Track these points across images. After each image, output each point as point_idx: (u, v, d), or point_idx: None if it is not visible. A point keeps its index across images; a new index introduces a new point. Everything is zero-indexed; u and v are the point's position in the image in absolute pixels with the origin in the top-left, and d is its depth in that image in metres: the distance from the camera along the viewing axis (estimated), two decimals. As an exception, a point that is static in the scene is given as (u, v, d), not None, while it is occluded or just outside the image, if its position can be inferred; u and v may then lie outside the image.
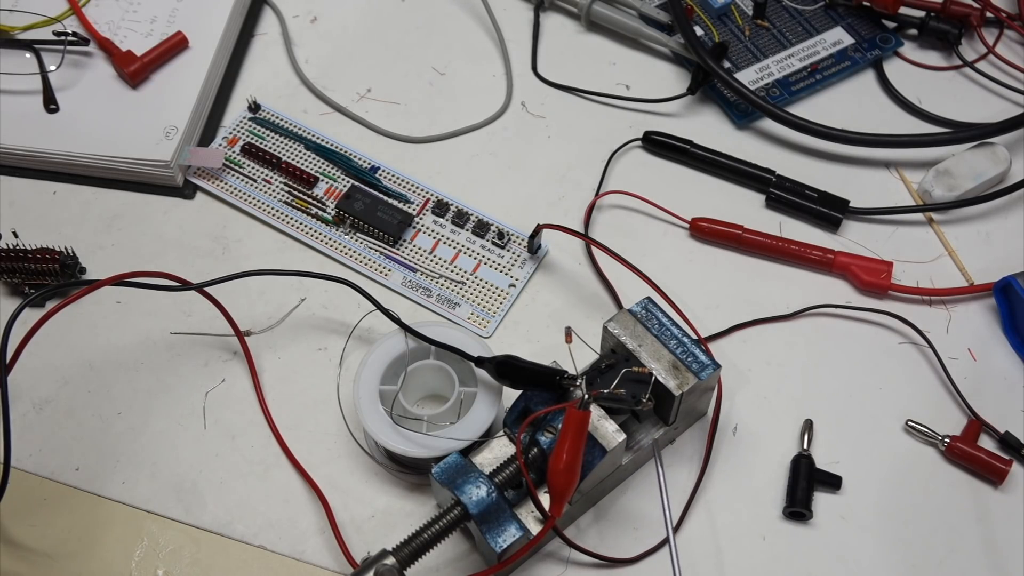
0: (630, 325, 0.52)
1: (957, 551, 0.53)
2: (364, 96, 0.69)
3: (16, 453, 0.54)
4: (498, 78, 0.70)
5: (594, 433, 0.49)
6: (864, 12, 0.72)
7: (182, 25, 0.69)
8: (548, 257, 0.62)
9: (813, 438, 0.56)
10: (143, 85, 0.67)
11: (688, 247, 0.63)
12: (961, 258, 0.62)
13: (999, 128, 0.64)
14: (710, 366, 0.51)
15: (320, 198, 0.64)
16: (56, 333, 0.58)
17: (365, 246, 0.62)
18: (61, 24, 0.69)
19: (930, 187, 0.64)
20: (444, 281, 0.61)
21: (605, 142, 0.67)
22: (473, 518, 0.48)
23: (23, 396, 0.57)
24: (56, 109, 0.65)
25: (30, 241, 0.60)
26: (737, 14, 0.72)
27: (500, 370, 0.51)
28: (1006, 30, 0.71)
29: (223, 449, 0.56)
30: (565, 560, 0.52)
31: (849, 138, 0.64)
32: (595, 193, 0.64)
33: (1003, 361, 0.58)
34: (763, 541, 0.53)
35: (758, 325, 0.60)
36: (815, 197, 0.63)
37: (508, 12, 0.73)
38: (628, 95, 0.69)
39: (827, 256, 0.61)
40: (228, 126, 0.67)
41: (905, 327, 0.59)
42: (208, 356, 0.59)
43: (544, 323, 0.60)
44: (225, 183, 0.65)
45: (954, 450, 0.54)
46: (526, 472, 0.49)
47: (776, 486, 0.54)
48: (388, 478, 0.55)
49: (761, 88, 0.68)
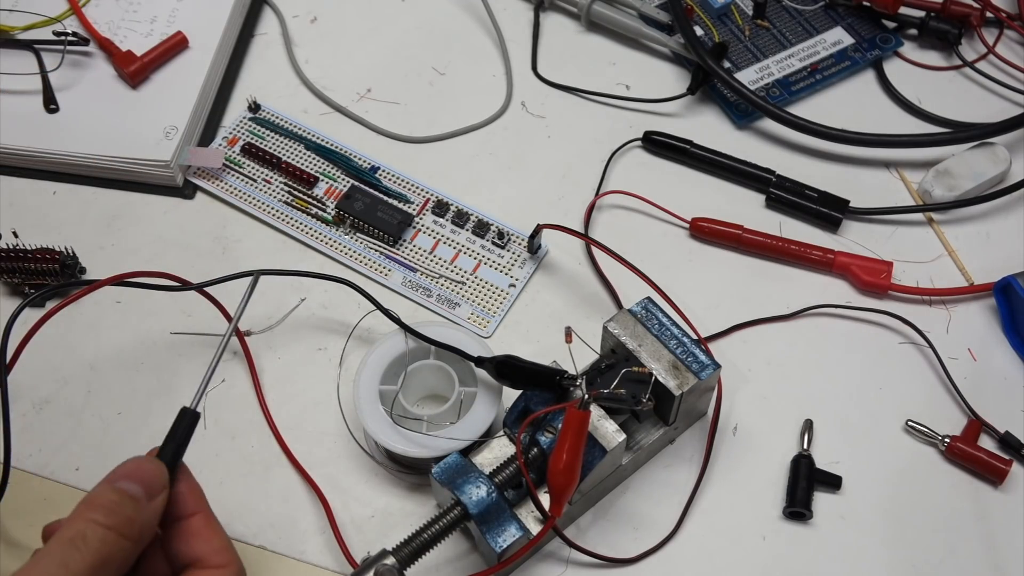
0: (630, 325, 0.52)
1: (957, 551, 0.53)
2: (364, 96, 0.69)
3: (16, 453, 0.54)
4: (498, 78, 0.70)
5: (594, 433, 0.49)
6: (864, 12, 0.72)
7: (182, 25, 0.69)
8: (548, 257, 0.62)
9: (813, 438, 0.56)
10: (143, 85, 0.67)
11: (688, 247, 0.63)
12: (961, 258, 0.62)
13: (999, 128, 0.64)
14: (710, 366, 0.51)
15: (320, 198, 0.64)
16: (56, 333, 0.58)
17: (365, 246, 0.62)
18: (61, 24, 0.69)
19: (930, 187, 0.64)
20: (444, 281, 0.61)
21: (605, 142, 0.67)
22: (473, 518, 0.48)
23: (23, 396, 0.57)
24: (56, 109, 0.65)
25: (30, 241, 0.60)
26: (737, 14, 0.72)
27: (500, 370, 0.51)
28: (1006, 30, 0.71)
29: (223, 449, 0.56)
30: (565, 560, 0.52)
31: (849, 138, 0.64)
32: (595, 193, 0.64)
33: (1003, 361, 0.58)
34: (763, 541, 0.53)
35: (758, 325, 0.60)
36: (815, 197, 0.63)
37: (508, 12, 0.73)
38: (628, 95, 0.69)
39: (827, 256, 0.61)
40: (228, 126, 0.67)
41: (905, 327, 0.59)
42: (208, 356, 0.58)
43: (544, 323, 0.60)
44: (225, 183, 0.65)
45: (954, 450, 0.54)
46: (526, 472, 0.49)
47: (776, 486, 0.54)
48: (388, 478, 0.55)
49: (761, 88, 0.68)
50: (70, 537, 0.37)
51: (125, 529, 0.38)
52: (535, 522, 0.50)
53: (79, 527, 0.37)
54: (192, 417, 0.44)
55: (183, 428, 0.43)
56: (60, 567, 0.35)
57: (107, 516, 0.37)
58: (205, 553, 0.41)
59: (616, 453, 0.50)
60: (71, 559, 0.36)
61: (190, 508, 0.42)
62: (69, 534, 0.37)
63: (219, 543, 0.41)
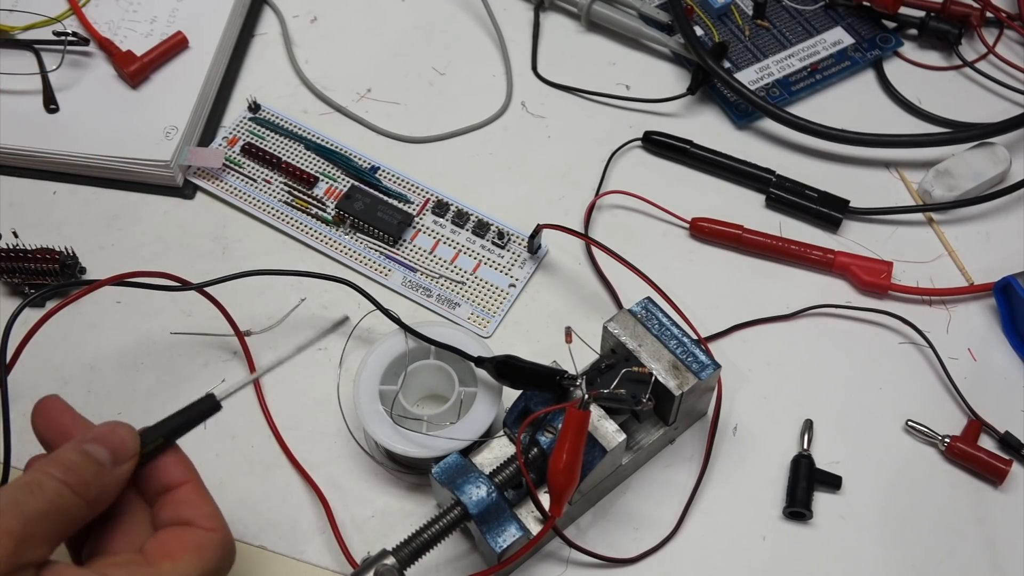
0: (630, 325, 0.52)
1: (957, 551, 0.53)
2: (364, 96, 0.69)
3: (16, 453, 0.54)
4: (498, 78, 0.70)
5: (594, 433, 0.49)
6: (864, 12, 0.72)
7: (182, 25, 0.69)
8: (548, 257, 0.62)
9: (813, 438, 0.56)
10: (143, 85, 0.67)
11: (688, 247, 0.63)
12: (961, 258, 0.62)
13: (999, 128, 0.64)
14: (710, 366, 0.51)
15: (320, 198, 0.64)
16: (56, 333, 0.58)
17: (365, 246, 0.62)
18: (61, 24, 0.69)
19: (930, 187, 0.64)
20: (444, 281, 0.61)
21: (605, 142, 0.67)
22: (473, 518, 0.48)
23: (23, 396, 0.57)
24: (56, 109, 0.65)
25: (30, 241, 0.60)
26: (737, 14, 0.72)
27: (500, 370, 0.51)
28: (1006, 30, 0.71)
29: (223, 449, 0.56)
30: (565, 560, 0.52)
31: (849, 138, 0.64)
32: (595, 193, 0.64)
33: (1003, 361, 0.58)
34: (763, 541, 0.53)
35: (758, 325, 0.60)
36: (815, 197, 0.63)
37: (508, 12, 0.73)
38: (628, 95, 0.69)
39: (827, 256, 0.61)
40: (228, 126, 0.67)
41: (905, 327, 0.59)
42: (208, 356, 0.59)
43: (544, 323, 0.60)
44: (225, 183, 0.65)
45: (954, 450, 0.54)
46: (526, 472, 0.49)
47: (776, 486, 0.54)
48: (388, 478, 0.55)
49: (761, 88, 0.68)
50: (26, 482, 0.38)
51: (81, 489, 0.38)
52: (535, 522, 0.50)
53: (36, 476, 0.38)
54: (212, 406, 0.44)
55: (199, 411, 0.43)
56: (12, 504, 0.37)
57: (65, 473, 0.38)
58: (194, 517, 0.41)
59: (616, 453, 0.50)
60: (23, 501, 0.37)
61: (180, 478, 0.42)
62: (26, 479, 0.38)
63: (209, 509, 0.41)
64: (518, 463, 0.49)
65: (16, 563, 0.36)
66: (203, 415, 0.44)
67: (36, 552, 0.37)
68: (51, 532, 0.37)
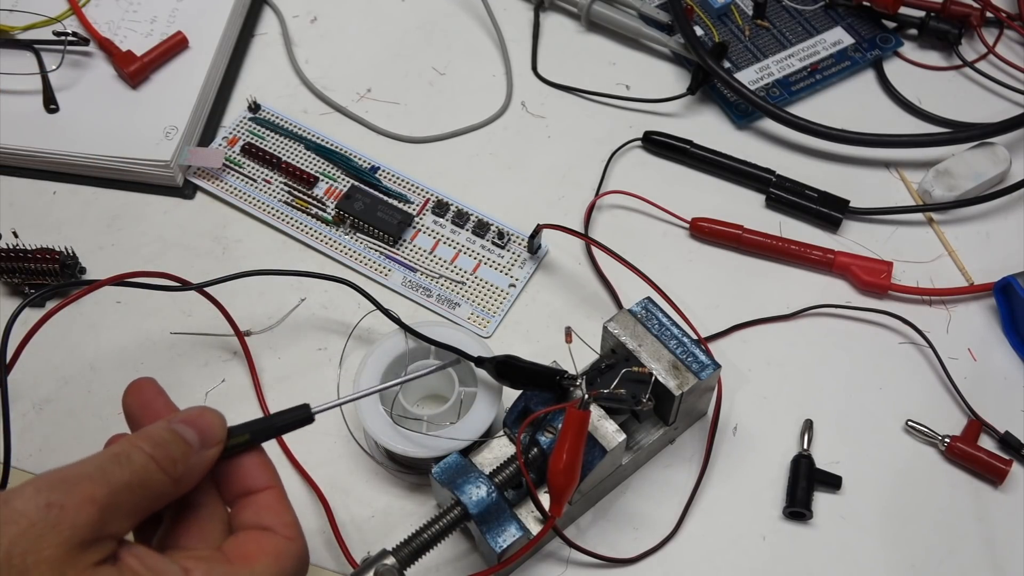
0: (630, 325, 0.52)
1: (957, 551, 0.53)
2: (364, 96, 0.69)
3: (16, 453, 0.54)
4: (498, 78, 0.70)
5: (594, 433, 0.49)
6: (864, 12, 0.72)
7: (182, 25, 0.69)
8: (548, 257, 0.62)
9: (813, 438, 0.56)
10: (143, 85, 0.67)
11: (688, 247, 0.63)
12: (961, 258, 0.62)
13: (999, 128, 0.64)
14: (710, 366, 0.51)
15: (320, 198, 0.64)
16: (56, 333, 0.58)
17: (365, 246, 0.62)
18: (61, 24, 0.69)
19: (930, 187, 0.64)
20: (444, 281, 0.61)
21: (605, 142, 0.67)
22: (473, 518, 0.48)
23: (23, 396, 0.57)
24: (56, 109, 0.65)
25: (30, 241, 0.60)
26: (737, 14, 0.72)
27: (500, 370, 0.51)
28: (1006, 30, 0.71)
29: (223, 449, 0.55)
30: (565, 560, 0.52)
31: (849, 138, 0.64)
32: (595, 193, 0.64)
33: (1003, 361, 0.58)
34: (763, 541, 0.53)
35: (758, 325, 0.60)
36: (815, 197, 0.63)
37: (508, 12, 0.73)
38: (628, 95, 0.69)
39: (827, 256, 0.61)
40: (228, 126, 0.67)
41: (905, 327, 0.59)
42: (208, 356, 0.59)
43: (544, 323, 0.60)
44: (225, 183, 0.65)
45: (954, 450, 0.54)
46: (526, 472, 0.49)
47: (776, 486, 0.54)
48: (388, 478, 0.55)
49: (761, 88, 0.68)
50: (115, 452, 0.37)
51: (168, 466, 0.38)
52: (535, 522, 0.50)
53: (126, 448, 0.37)
54: (305, 416, 0.42)
55: (292, 419, 0.42)
56: (99, 471, 0.36)
57: (154, 448, 0.38)
58: (275, 524, 0.40)
59: (616, 453, 0.50)
60: (111, 470, 0.36)
61: (264, 482, 0.41)
62: (116, 450, 0.37)
63: (290, 518, 0.40)
64: (518, 463, 0.49)
65: (99, 532, 0.35)
66: (293, 424, 0.42)
67: (118, 525, 0.36)
68: (134, 506, 0.37)
